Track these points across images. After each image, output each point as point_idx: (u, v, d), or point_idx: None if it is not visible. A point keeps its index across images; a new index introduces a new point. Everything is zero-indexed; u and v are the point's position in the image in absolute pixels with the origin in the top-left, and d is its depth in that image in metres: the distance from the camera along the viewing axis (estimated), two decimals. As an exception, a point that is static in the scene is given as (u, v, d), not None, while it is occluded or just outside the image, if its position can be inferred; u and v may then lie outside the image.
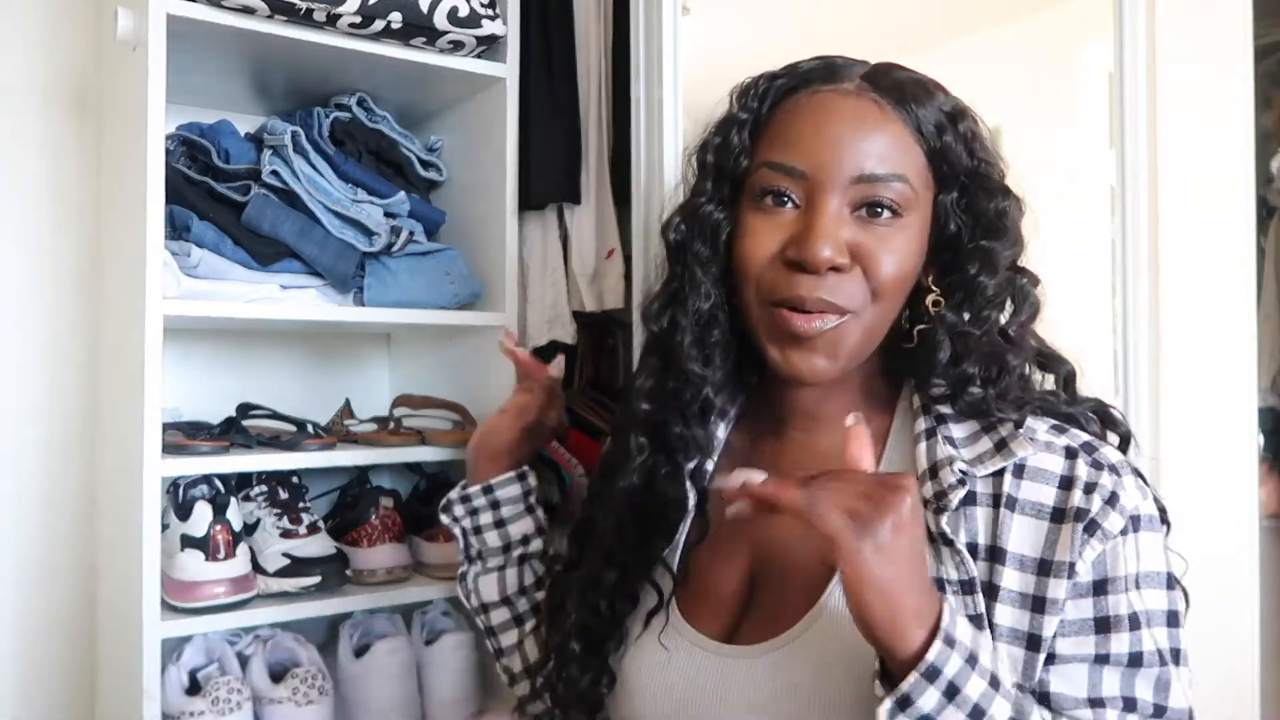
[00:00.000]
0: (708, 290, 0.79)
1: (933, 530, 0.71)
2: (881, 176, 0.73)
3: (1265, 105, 1.90)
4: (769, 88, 0.79)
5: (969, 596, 0.69)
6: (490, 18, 1.32)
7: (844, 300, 0.73)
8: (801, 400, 0.82)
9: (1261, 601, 1.58)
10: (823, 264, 0.71)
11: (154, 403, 1.12)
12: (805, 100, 0.77)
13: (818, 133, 0.74)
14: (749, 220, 0.77)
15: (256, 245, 1.26)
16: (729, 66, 0.92)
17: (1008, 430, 0.73)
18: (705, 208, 0.79)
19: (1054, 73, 1.75)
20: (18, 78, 1.42)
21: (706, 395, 0.81)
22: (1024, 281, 0.79)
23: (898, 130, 0.74)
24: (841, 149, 0.73)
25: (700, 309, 0.79)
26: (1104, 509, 0.69)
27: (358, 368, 1.65)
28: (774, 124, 0.78)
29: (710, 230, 0.79)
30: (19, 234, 1.41)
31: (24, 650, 1.39)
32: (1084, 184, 1.68)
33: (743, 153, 0.78)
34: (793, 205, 0.74)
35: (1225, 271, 1.55)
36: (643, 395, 0.82)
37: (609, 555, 0.83)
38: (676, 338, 0.80)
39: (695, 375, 0.80)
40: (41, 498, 1.41)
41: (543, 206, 1.52)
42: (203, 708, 1.18)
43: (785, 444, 0.84)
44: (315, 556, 1.27)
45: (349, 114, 1.38)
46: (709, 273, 0.79)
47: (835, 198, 0.73)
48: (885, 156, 0.73)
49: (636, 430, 0.83)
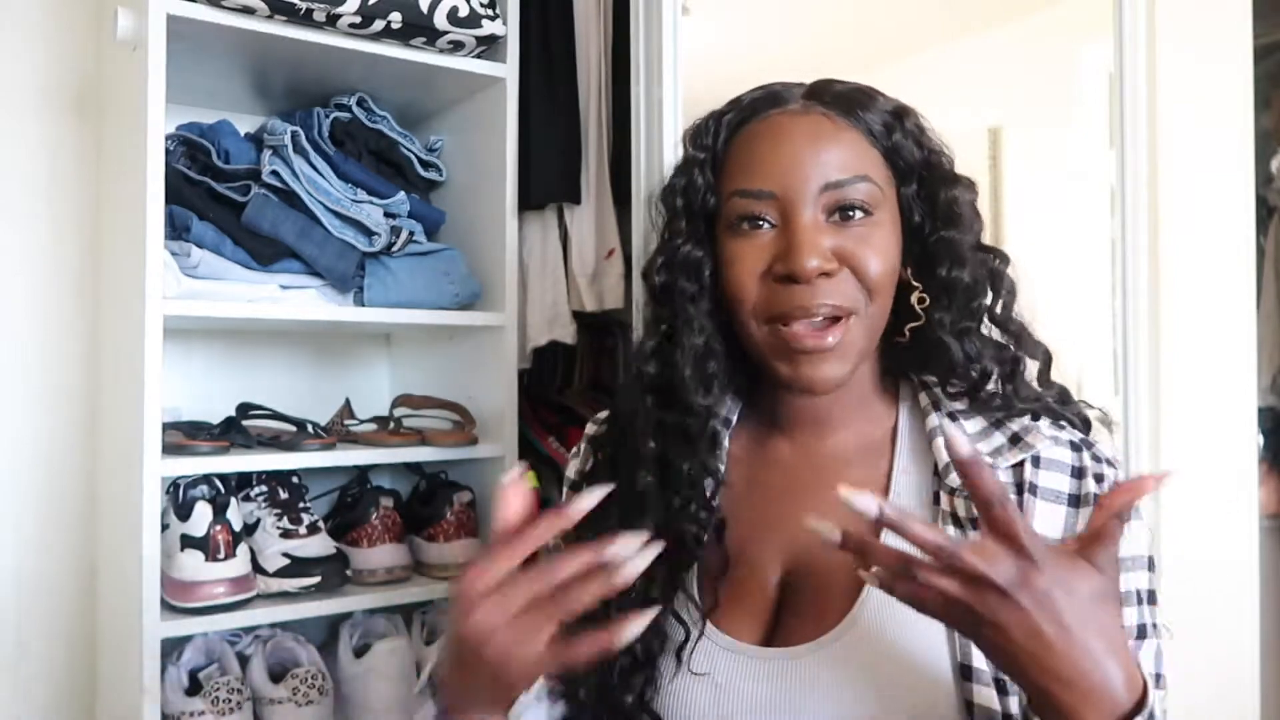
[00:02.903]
0: (700, 324, 0.81)
1: (963, 515, 0.75)
2: (847, 180, 0.76)
3: (1265, 105, 1.90)
4: (719, 124, 0.82)
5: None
6: (490, 18, 1.32)
7: (844, 300, 0.76)
8: (805, 407, 0.83)
9: (1261, 601, 1.59)
10: (811, 273, 0.74)
11: (154, 403, 1.12)
12: (758, 127, 0.80)
13: (778, 153, 0.77)
14: (730, 249, 0.79)
15: (256, 245, 1.26)
16: (729, 66, 0.92)
17: (1019, 425, 0.78)
18: (684, 248, 0.81)
19: (1054, 73, 1.75)
20: (18, 78, 1.42)
21: (713, 427, 0.82)
22: (996, 262, 0.82)
23: (852, 136, 0.78)
24: (804, 163, 0.76)
25: (696, 344, 0.81)
26: None
27: (358, 368, 1.65)
28: (732, 155, 0.81)
29: (693, 267, 0.81)
30: (19, 234, 1.41)
31: (24, 650, 1.39)
32: (1084, 184, 1.68)
33: (708, 189, 0.81)
34: (769, 225, 0.77)
35: (1225, 271, 1.55)
36: (648, 435, 0.82)
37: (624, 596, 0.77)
38: (675, 377, 0.81)
39: (700, 406, 0.81)
40: (41, 498, 1.41)
41: (543, 206, 1.52)
42: (203, 708, 1.18)
43: (791, 450, 0.85)
44: (315, 556, 1.27)
45: (349, 114, 1.38)
46: (699, 307, 0.81)
47: (808, 209, 0.76)
48: (846, 162, 0.77)
49: (645, 469, 0.81)
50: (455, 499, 1.39)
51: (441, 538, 1.37)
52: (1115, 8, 1.39)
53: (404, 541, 1.39)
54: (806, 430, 0.84)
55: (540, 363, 1.60)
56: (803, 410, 0.83)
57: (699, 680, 0.76)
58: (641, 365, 0.83)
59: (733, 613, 0.78)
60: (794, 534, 0.79)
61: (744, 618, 0.78)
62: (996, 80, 1.86)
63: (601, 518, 0.79)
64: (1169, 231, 1.42)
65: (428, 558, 1.39)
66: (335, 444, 1.34)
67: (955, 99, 1.93)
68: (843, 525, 0.65)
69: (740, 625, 0.78)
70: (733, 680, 0.76)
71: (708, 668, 0.76)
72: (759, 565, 0.80)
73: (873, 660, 0.72)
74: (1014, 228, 1.85)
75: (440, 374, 1.53)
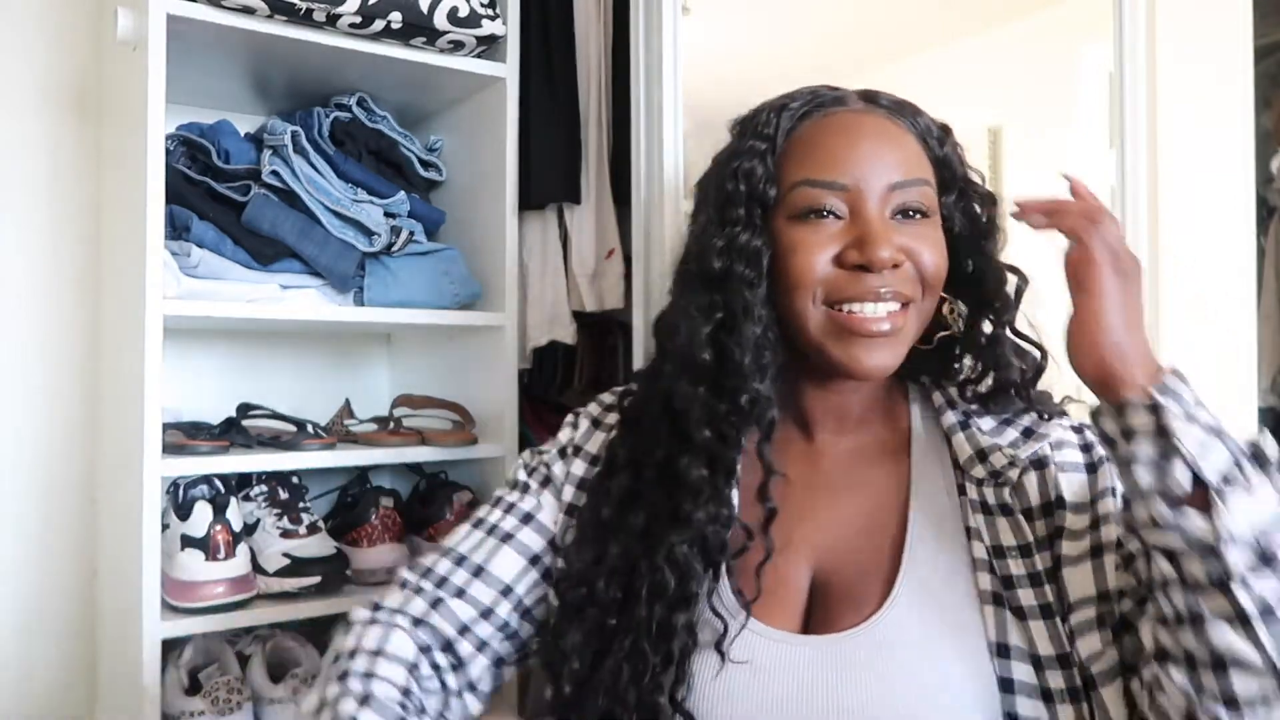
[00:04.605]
0: (759, 312, 0.81)
1: (992, 503, 0.79)
2: (910, 182, 0.79)
3: (1265, 105, 1.90)
4: (780, 115, 0.83)
5: (1027, 559, 0.76)
6: (490, 18, 1.32)
7: (907, 289, 0.79)
8: (833, 403, 0.85)
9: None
10: (886, 263, 0.77)
11: (154, 403, 1.12)
12: (825, 121, 0.82)
13: (852, 148, 0.80)
14: (794, 237, 0.80)
15: (256, 245, 1.26)
16: (729, 66, 0.92)
17: (1029, 420, 0.83)
18: (742, 235, 0.81)
19: (1054, 73, 1.75)
20: (18, 78, 1.42)
21: (772, 415, 0.81)
22: (1019, 281, 0.86)
23: (912, 141, 0.82)
24: (874, 160, 0.79)
25: (755, 332, 0.81)
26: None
27: (358, 368, 1.65)
28: (797, 146, 0.82)
29: (753, 255, 0.81)
30: (19, 234, 1.41)
31: (24, 650, 1.39)
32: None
33: (768, 178, 0.81)
34: (834, 217, 0.79)
35: (1225, 271, 1.55)
36: (703, 423, 0.81)
37: (660, 594, 0.78)
38: (730, 365, 0.80)
39: (761, 394, 0.80)
40: (42, 498, 1.41)
41: (543, 206, 1.52)
42: (203, 708, 1.18)
43: (811, 447, 0.86)
44: (315, 556, 1.27)
45: (349, 114, 1.38)
46: (757, 294, 0.81)
47: (877, 205, 0.79)
48: (910, 164, 0.80)
49: (695, 458, 0.80)
50: (455, 499, 1.39)
51: (441, 538, 1.37)
52: (1115, 8, 1.39)
53: (404, 541, 1.39)
54: (829, 428, 0.86)
55: (540, 363, 1.60)
56: (830, 406, 0.85)
57: (740, 669, 0.77)
58: (698, 353, 0.81)
59: (767, 603, 0.79)
60: (823, 526, 0.82)
61: (779, 608, 0.79)
62: (996, 80, 1.85)
63: (629, 522, 0.81)
64: (1169, 231, 1.42)
65: (428, 558, 1.39)
66: (335, 444, 1.34)
67: (955, 99, 1.93)
68: (875, 511, 0.77)
69: (776, 614, 0.79)
70: (774, 666, 0.76)
71: (748, 656, 0.77)
72: (790, 557, 0.81)
73: (913, 641, 0.74)
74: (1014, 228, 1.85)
75: (440, 374, 1.53)
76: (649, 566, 0.79)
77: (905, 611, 0.76)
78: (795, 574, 0.81)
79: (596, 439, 0.91)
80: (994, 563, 0.77)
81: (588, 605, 0.81)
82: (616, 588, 0.80)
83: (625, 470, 0.84)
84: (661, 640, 0.77)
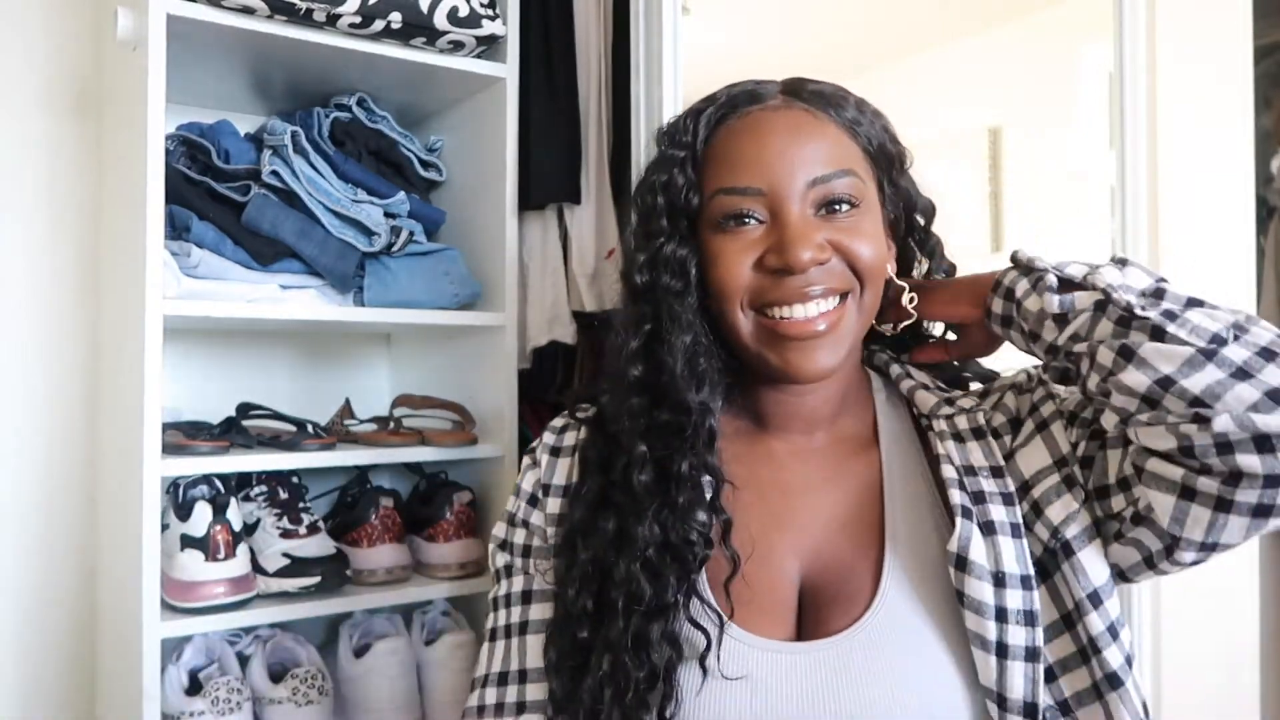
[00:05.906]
0: (688, 320, 0.81)
1: (964, 428, 0.81)
2: (832, 175, 0.78)
3: (1265, 105, 1.90)
4: (697, 122, 0.82)
5: (999, 479, 0.77)
6: (490, 18, 1.32)
7: (840, 283, 0.78)
8: (792, 405, 0.84)
9: (1261, 601, 1.59)
10: (807, 264, 0.76)
11: (154, 403, 1.12)
12: (739, 124, 0.81)
13: (763, 149, 0.78)
14: (716, 245, 0.79)
15: (256, 245, 1.26)
16: (729, 66, 0.92)
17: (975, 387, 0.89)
18: (667, 246, 0.81)
19: (1054, 73, 1.75)
20: (18, 78, 1.42)
21: (710, 424, 0.80)
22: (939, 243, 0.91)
23: (833, 131, 0.80)
24: (790, 159, 0.78)
25: (684, 341, 0.80)
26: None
27: (358, 368, 1.65)
28: (714, 153, 0.81)
29: (678, 265, 0.81)
30: (19, 234, 1.41)
31: (24, 650, 1.39)
32: (1084, 184, 1.68)
33: (689, 187, 0.81)
34: (756, 222, 0.79)
35: (1225, 271, 1.55)
36: (638, 435, 0.80)
37: (636, 605, 0.76)
38: (664, 375, 0.80)
39: (695, 403, 0.79)
40: (41, 498, 1.41)
41: (543, 206, 1.52)
42: (203, 708, 1.18)
43: (783, 448, 0.85)
44: (315, 556, 1.27)
45: (349, 114, 1.38)
46: (686, 304, 0.81)
47: (797, 204, 0.77)
48: (830, 157, 0.78)
49: (639, 471, 0.79)
50: (455, 499, 1.39)
51: (441, 538, 1.37)
52: (1115, 8, 1.39)
53: (404, 541, 1.39)
54: (795, 429, 0.85)
55: (540, 363, 1.60)
56: (790, 408, 0.84)
57: (735, 684, 0.74)
58: (628, 367, 0.81)
59: (754, 613, 0.77)
60: (805, 530, 0.80)
61: (768, 616, 0.78)
62: (996, 80, 1.86)
63: (599, 525, 0.79)
64: (1169, 231, 1.42)
65: (428, 558, 1.39)
66: (335, 444, 1.34)
67: (955, 99, 1.93)
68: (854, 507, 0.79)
69: (766, 624, 0.77)
70: (773, 678, 0.75)
71: (744, 670, 0.75)
72: (773, 563, 0.79)
73: (903, 638, 0.74)
74: (1014, 228, 1.85)
75: (440, 374, 1.53)
76: (623, 574, 0.77)
77: (895, 604, 0.75)
78: (782, 581, 0.79)
79: (561, 468, 0.87)
80: (964, 479, 0.77)
81: (564, 619, 0.79)
82: (588, 595, 0.78)
83: (596, 473, 0.83)
84: (640, 652, 0.75)
